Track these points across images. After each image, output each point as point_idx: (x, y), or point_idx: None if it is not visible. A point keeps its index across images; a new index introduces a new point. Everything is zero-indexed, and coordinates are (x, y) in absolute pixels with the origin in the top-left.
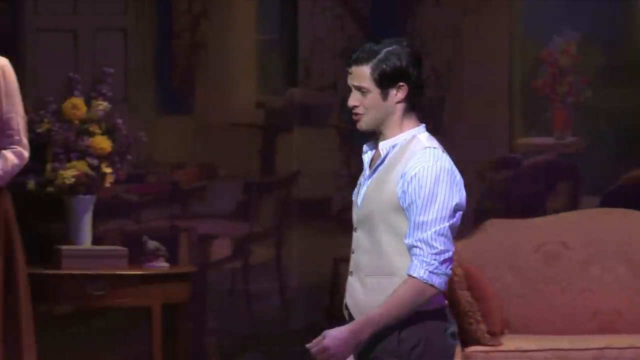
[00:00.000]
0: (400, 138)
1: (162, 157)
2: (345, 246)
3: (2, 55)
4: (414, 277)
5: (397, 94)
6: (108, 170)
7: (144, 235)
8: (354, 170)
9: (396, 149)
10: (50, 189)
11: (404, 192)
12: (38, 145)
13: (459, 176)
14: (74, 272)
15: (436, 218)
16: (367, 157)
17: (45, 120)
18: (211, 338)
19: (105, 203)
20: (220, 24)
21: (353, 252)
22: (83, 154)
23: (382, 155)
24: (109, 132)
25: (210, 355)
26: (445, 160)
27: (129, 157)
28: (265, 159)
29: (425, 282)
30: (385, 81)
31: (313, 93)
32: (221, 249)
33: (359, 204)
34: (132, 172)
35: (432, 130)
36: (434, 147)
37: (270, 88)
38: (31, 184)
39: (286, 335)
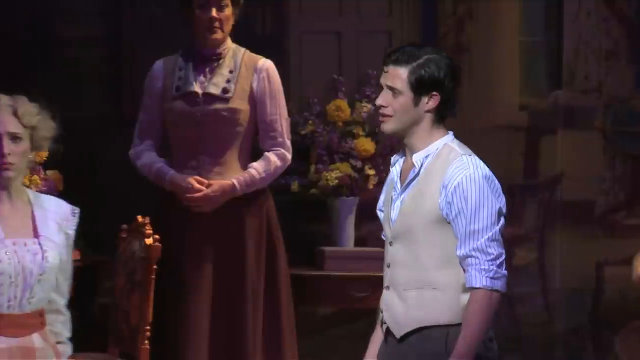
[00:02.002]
0: (431, 148)
1: None
2: (610, 249)
3: (267, 57)
4: (478, 288)
5: (428, 103)
6: (371, 172)
7: None
8: (617, 174)
9: (429, 159)
10: (313, 190)
11: (449, 203)
12: (302, 147)
13: (497, 181)
14: (336, 273)
15: (487, 225)
16: (395, 169)
17: (310, 122)
18: None
19: (368, 205)
20: (485, 25)
21: (389, 267)
22: (346, 156)
23: (417, 167)
24: (373, 134)
25: None
26: (483, 166)
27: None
28: (529, 161)
29: (491, 289)
30: (420, 87)
31: (577, 95)
32: None
33: (394, 218)
34: None
35: None
36: (470, 155)
37: (534, 90)
38: (295, 185)
39: (549, 339)
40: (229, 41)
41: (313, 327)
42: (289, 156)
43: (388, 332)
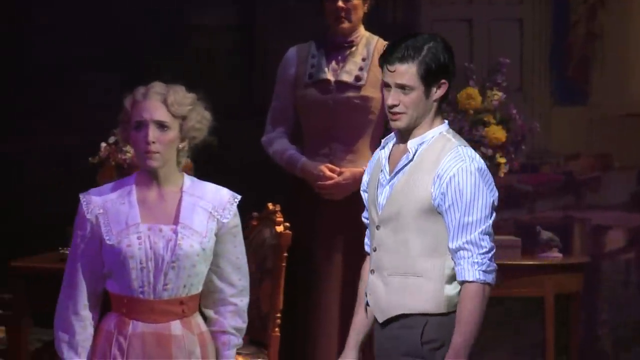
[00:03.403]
0: (427, 135)
1: (556, 147)
2: None
3: None
4: (471, 282)
5: (437, 92)
6: (502, 160)
7: (537, 226)
8: None
9: (424, 146)
10: None
11: (442, 193)
12: None
13: (489, 172)
14: None
15: (480, 218)
16: (384, 152)
17: None
18: (604, 329)
19: (499, 193)
20: (617, 13)
21: (375, 250)
22: (477, 144)
23: (411, 154)
24: (504, 122)
25: (604, 347)
26: (479, 159)
27: (523, 147)
28: None
29: (483, 282)
30: (430, 78)
31: None
32: (615, 239)
33: (382, 202)
34: (526, 162)
35: None
36: (465, 146)
37: None
38: None
39: None
40: (361, 29)
41: None
42: None
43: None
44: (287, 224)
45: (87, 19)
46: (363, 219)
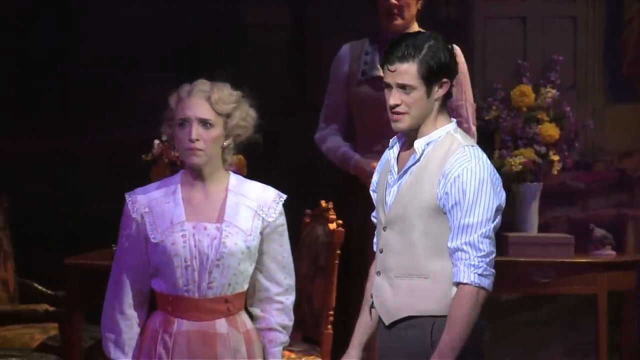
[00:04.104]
0: (434, 135)
1: (610, 145)
2: None
3: (453, 43)
4: (465, 284)
5: (439, 91)
6: (555, 157)
7: (590, 223)
8: None
9: (430, 146)
10: None
11: (446, 193)
12: (486, 132)
13: (497, 175)
14: (520, 259)
15: (482, 220)
16: (393, 151)
17: (494, 107)
18: None
19: (552, 190)
20: None
21: (381, 252)
22: (530, 142)
23: (419, 154)
24: (557, 120)
25: None
26: (486, 160)
27: (576, 144)
28: None
29: (477, 286)
30: (431, 77)
31: None
32: None
33: (389, 203)
34: (579, 159)
35: None
36: (472, 146)
37: None
38: None
39: None
40: (415, 26)
41: (495, 313)
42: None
43: (379, 318)
44: (340, 222)
45: (142, 17)
46: (372, 218)
